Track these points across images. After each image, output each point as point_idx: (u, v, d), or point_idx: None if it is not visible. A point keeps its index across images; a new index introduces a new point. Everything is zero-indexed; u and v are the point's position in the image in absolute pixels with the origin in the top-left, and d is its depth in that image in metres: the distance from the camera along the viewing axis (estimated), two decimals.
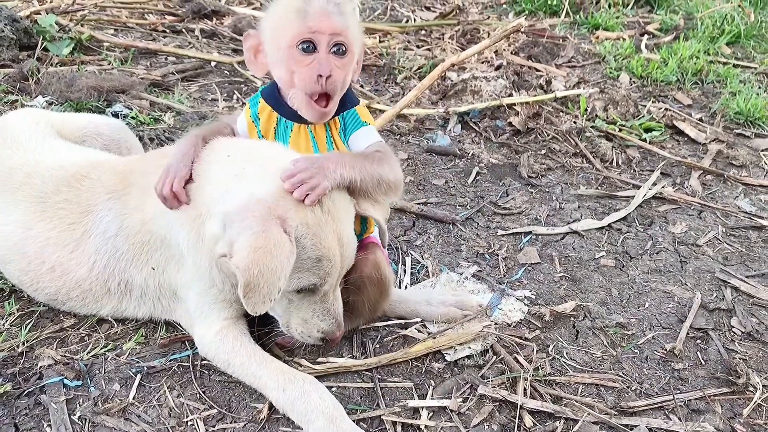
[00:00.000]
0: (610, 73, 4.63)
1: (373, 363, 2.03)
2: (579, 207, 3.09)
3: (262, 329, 2.02)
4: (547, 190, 3.23)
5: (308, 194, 1.68)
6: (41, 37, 4.05)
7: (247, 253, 1.59)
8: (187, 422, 1.84)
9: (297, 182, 1.69)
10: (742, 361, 2.16)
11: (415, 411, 1.90)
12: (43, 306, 2.20)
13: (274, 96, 2.01)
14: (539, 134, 3.72)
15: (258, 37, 1.96)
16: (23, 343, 2.06)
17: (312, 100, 1.88)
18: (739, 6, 5.72)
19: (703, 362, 2.17)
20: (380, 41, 4.99)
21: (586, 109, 3.94)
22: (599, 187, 3.28)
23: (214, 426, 1.83)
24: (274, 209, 1.65)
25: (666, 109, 4.08)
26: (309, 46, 1.83)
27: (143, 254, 2.02)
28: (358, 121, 2.00)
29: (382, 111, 3.72)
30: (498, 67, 4.51)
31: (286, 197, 1.69)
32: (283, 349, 2.07)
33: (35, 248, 2.09)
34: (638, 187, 3.26)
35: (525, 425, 1.87)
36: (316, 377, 1.92)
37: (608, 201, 3.16)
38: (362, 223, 2.05)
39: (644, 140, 3.74)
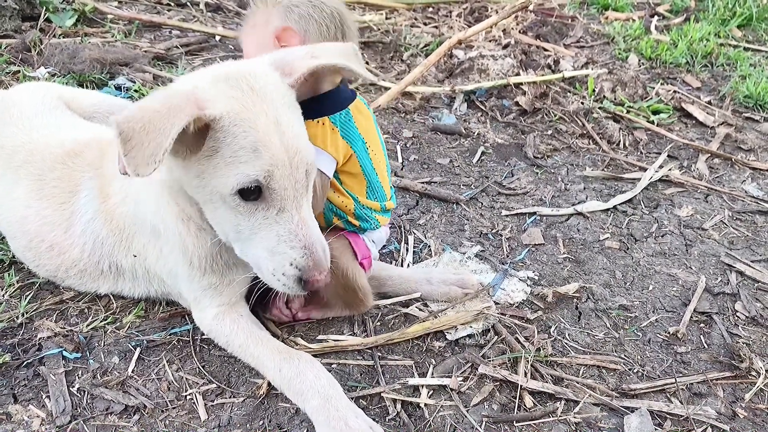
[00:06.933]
0: (619, 54, 4.57)
1: (371, 342, 2.02)
2: (584, 188, 3.06)
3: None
4: (552, 171, 3.20)
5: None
6: (44, 8, 4.00)
7: (131, 110, 1.44)
8: (186, 396, 1.83)
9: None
10: (745, 345, 2.14)
11: (415, 389, 1.89)
12: (43, 278, 2.19)
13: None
14: (546, 114, 3.68)
15: (289, 26, 1.89)
16: (23, 315, 2.05)
17: None
18: None
19: (706, 346, 2.16)
20: (387, 18, 4.93)
21: (593, 90, 3.89)
22: (605, 169, 3.25)
23: (213, 401, 1.83)
24: (192, 94, 1.51)
25: (674, 92, 4.03)
26: None
27: (124, 240, 1.99)
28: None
29: (387, 88, 3.68)
30: (506, 46, 4.45)
31: (215, 87, 1.56)
32: (280, 326, 2.06)
33: (35, 226, 2.07)
34: (645, 170, 3.22)
35: (525, 405, 1.86)
36: (316, 355, 1.91)
37: (614, 183, 3.13)
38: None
39: (652, 122, 3.69)
